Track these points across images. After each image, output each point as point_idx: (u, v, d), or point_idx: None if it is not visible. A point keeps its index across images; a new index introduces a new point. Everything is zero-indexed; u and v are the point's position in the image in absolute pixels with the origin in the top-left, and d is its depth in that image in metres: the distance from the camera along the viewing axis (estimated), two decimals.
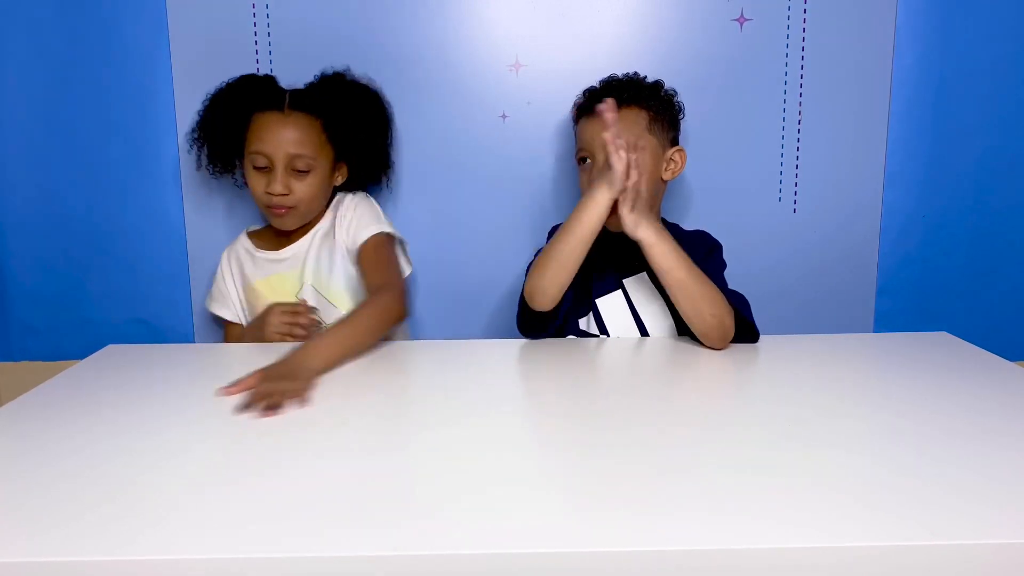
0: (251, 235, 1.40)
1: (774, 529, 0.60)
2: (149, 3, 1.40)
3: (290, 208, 1.30)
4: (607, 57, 1.41)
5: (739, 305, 1.15)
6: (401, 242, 1.37)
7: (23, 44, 1.41)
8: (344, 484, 0.68)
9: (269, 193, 1.28)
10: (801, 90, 1.44)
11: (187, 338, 1.50)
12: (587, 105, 1.26)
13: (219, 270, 1.41)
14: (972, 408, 0.85)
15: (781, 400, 0.91)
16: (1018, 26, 1.43)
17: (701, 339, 1.12)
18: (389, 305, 1.15)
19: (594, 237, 1.12)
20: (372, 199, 1.38)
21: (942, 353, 1.07)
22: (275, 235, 1.37)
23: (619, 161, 1.07)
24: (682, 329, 1.21)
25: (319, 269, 1.32)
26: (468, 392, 0.96)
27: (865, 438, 0.78)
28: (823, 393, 0.92)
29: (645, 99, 1.23)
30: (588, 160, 1.24)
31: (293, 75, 1.36)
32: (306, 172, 1.29)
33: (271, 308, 1.27)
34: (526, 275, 1.19)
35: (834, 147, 1.46)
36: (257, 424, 0.84)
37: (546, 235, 1.32)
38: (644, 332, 1.23)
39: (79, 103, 1.43)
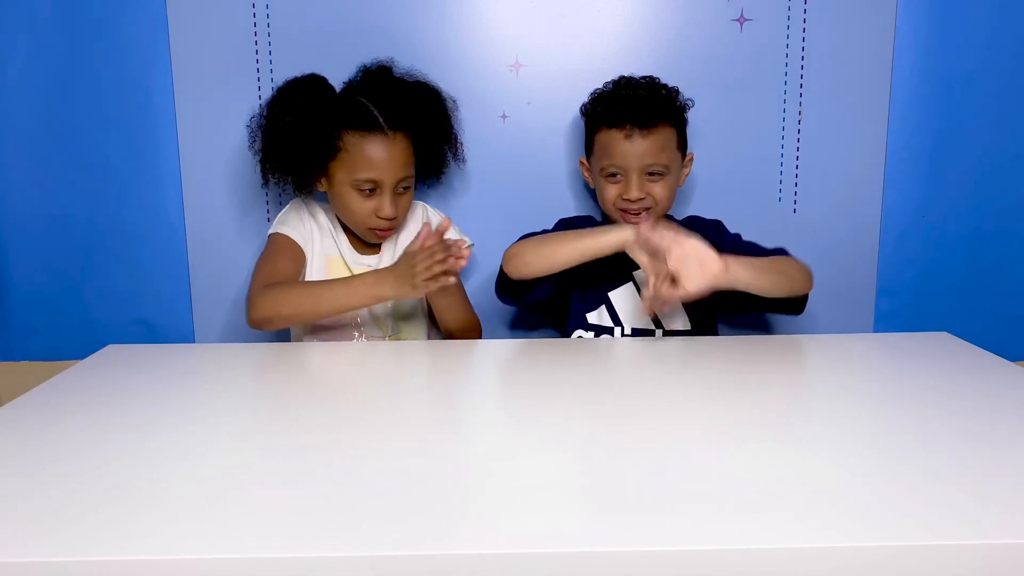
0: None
1: (774, 529, 0.60)
2: (149, 3, 1.40)
3: (393, 228, 1.30)
4: (607, 57, 1.41)
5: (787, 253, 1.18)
6: None
7: (23, 44, 1.41)
8: (346, 484, 0.68)
9: (381, 217, 1.25)
10: (801, 90, 1.44)
11: (187, 338, 1.50)
12: (611, 116, 1.24)
13: (301, 211, 1.33)
14: (972, 408, 0.85)
15: (781, 400, 0.91)
16: (1018, 26, 1.43)
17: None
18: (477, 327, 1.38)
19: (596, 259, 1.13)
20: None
21: (942, 353, 1.07)
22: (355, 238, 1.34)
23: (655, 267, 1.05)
24: (693, 315, 1.21)
25: None
26: (469, 392, 0.96)
27: (865, 438, 0.78)
28: (823, 393, 0.92)
29: (672, 115, 1.23)
30: (619, 176, 1.23)
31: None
32: (407, 190, 1.29)
33: (410, 254, 1.15)
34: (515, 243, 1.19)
35: (834, 147, 1.46)
36: (257, 424, 0.84)
37: (552, 226, 1.32)
38: (657, 321, 1.23)
39: (79, 103, 1.43)
